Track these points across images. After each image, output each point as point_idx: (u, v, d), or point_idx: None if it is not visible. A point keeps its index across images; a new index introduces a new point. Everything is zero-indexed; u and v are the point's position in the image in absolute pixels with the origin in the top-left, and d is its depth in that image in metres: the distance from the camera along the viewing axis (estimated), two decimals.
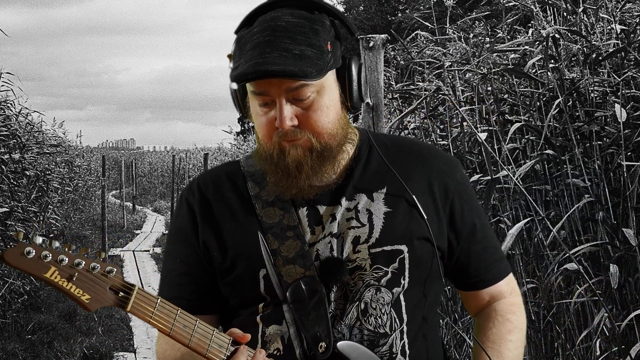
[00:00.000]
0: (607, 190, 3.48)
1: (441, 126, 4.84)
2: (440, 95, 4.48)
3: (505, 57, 4.36)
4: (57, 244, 1.28)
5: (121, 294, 1.30)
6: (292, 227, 1.43)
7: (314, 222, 1.44)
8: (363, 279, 1.41)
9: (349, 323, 1.40)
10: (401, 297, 1.42)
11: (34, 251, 1.25)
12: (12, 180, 6.81)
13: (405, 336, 1.42)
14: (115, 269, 1.30)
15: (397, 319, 1.41)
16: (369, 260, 1.41)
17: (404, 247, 1.42)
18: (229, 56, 1.45)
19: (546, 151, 3.69)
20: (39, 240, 1.26)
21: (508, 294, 1.56)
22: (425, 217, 1.44)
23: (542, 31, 3.85)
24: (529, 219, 3.59)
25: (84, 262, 1.27)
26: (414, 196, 1.44)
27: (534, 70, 3.99)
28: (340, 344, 1.38)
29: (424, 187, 1.47)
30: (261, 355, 1.33)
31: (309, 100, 1.38)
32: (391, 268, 1.42)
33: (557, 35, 3.80)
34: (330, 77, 1.40)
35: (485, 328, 1.53)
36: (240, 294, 1.46)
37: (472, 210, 1.51)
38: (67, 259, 1.27)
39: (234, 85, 1.47)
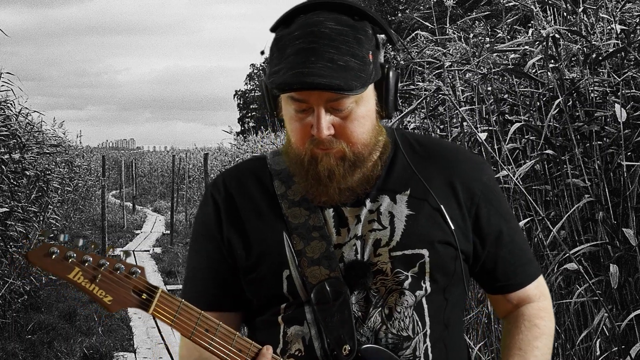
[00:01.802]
0: (607, 190, 3.48)
1: (441, 126, 4.84)
2: (440, 95, 4.48)
3: (505, 57, 4.36)
4: (81, 242, 1.29)
5: (144, 295, 1.29)
6: (317, 228, 1.42)
7: (339, 224, 1.43)
8: (385, 284, 1.40)
9: (372, 327, 1.39)
10: (424, 300, 1.41)
11: (58, 251, 1.25)
12: (12, 180, 6.81)
13: (428, 339, 1.40)
14: (140, 270, 1.29)
15: (419, 322, 1.40)
16: (390, 264, 1.39)
17: (424, 252, 1.40)
18: (262, 53, 1.44)
19: (546, 151, 3.69)
20: (61, 237, 1.27)
21: (537, 298, 1.53)
22: (450, 222, 1.41)
23: (542, 31, 3.85)
24: (529, 219, 3.59)
25: (108, 263, 1.28)
26: (437, 200, 1.42)
27: (534, 70, 3.99)
28: (364, 347, 1.37)
29: (449, 190, 1.44)
30: None
31: (347, 111, 1.36)
32: (411, 272, 1.40)
33: (557, 35, 3.80)
34: (369, 88, 1.38)
35: (513, 333, 1.51)
36: (263, 293, 1.45)
37: (499, 213, 1.48)
38: (91, 259, 1.27)
39: (264, 84, 1.45)
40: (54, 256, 1.25)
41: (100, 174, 15.99)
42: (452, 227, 1.41)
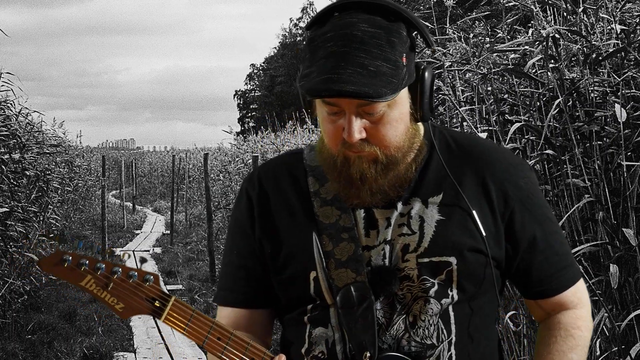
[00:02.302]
0: (607, 190, 3.48)
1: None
2: (440, 95, 4.48)
3: (505, 57, 4.36)
4: (94, 247, 1.30)
5: (157, 303, 1.29)
6: (347, 229, 1.40)
7: (369, 226, 1.41)
8: (411, 290, 1.38)
9: (395, 334, 1.37)
10: (450, 308, 1.38)
11: (71, 259, 1.26)
12: (12, 180, 6.81)
13: (453, 347, 1.38)
14: (154, 277, 1.30)
15: (444, 330, 1.38)
16: (416, 271, 1.37)
17: (452, 259, 1.37)
18: (297, 50, 1.46)
19: (546, 151, 3.69)
20: (76, 244, 1.28)
21: (574, 305, 1.48)
22: (481, 228, 1.38)
23: (542, 31, 3.85)
24: None
25: (121, 270, 1.28)
26: (469, 205, 1.38)
27: (534, 70, 3.99)
28: (385, 355, 1.36)
29: (482, 193, 1.41)
30: None
31: (379, 114, 1.33)
32: (437, 279, 1.37)
33: (557, 35, 3.79)
34: (403, 90, 1.35)
35: (548, 342, 1.47)
36: (290, 294, 1.45)
37: (534, 218, 1.43)
38: (104, 266, 1.27)
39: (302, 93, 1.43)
40: (66, 264, 1.26)
41: (100, 174, 15.99)
42: (484, 234, 1.38)
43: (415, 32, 1.37)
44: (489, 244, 1.39)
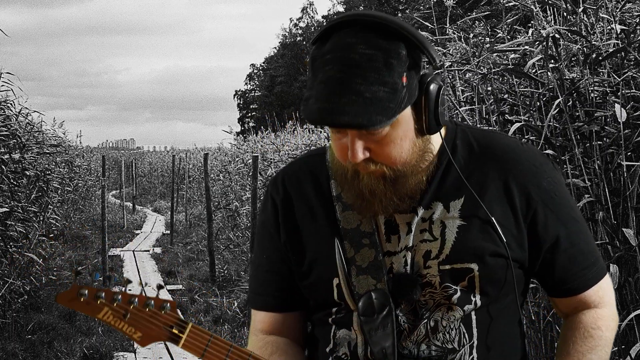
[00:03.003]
0: (607, 190, 3.48)
1: None
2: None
3: (505, 57, 4.36)
4: (115, 275, 1.31)
5: (175, 330, 1.31)
6: (368, 235, 1.40)
7: (390, 231, 1.41)
8: (434, 297, 1.38)
9: (416, 340, 1.38)
10: (472, 313, 1.38)
11: (87, 292, 1.28)
12: (12, 180, 6.81)
13: (474, 351, 1.38)
14: (170, 304, 1.31)
15: (466, 334, 1.38)
16: (438, 278, 1.37)
17: (474, 266, 1.37)
18: (305, 62, 1.48)
19: (546, 151, 3.69)
20: (95, 276, 1.30)
21: (596, 305, 1.46)
22: (502, 232, 1.37)
23: (542, 31, 3.85)
24: None
25: (137, 300, 1.30)
26: (487, 212, 1.37)
27: (534, 70, 3.99)
28: None
29: (504, 194, 1.39)
30: None
31: (382, 134, 1.32)
32: (460, 286, 1.37)
33: (557, 35, 3.79)
34: (406, 107, 1.33)
35: (568, 342, 1.45)
36: (316, 298, 1.47)
37: (558, 219, 1.41)
38: (121, 297, 1.29)
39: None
40: (82, 298, 1.28)
41: (100, 174, 15.99)
42: (504, 240, 1.37)
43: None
44: (512, 246, 1.38)
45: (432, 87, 1.35)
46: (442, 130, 1.44)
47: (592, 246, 1.47)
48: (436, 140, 1.43)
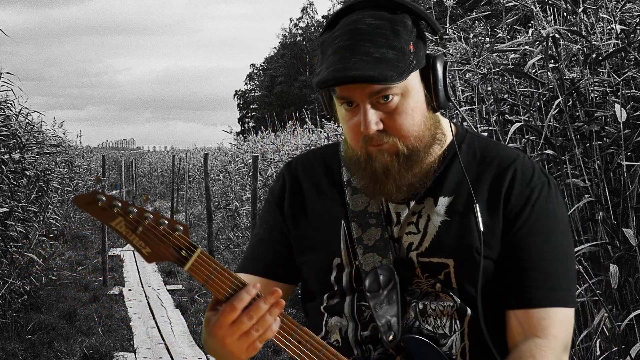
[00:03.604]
0: (607, 190, 3.48)
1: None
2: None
3: (505, 57, 4.36)
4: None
5: (183, 252, 1.31)
6: (375, 215, 1.44)
7: (387, 218, 1.45)
8: (421, 287, 1.41)
9: (406, 324, 1.40)
10: (458, 301, 1.39)
11: (105, 199, 1.29)
12: (12, 180, 6.81)
13: (466, 338, 1.39)
14: (184, 228, 1.31)
15: (457, 321, 1.39)
16: (419, 269, 1.40)
17: (450, 261, 1.39)
18: (314, 59, 1.50)
19: (546, 151, 3.69)
20: (113, 192, 1.31)
21: (539, 333, 1.36)
22: (482, 232, 1.37)
23: (542, 31, 3.85)
24: None
25: (152, 216, 1.30)
26: (477, 206, 1.38)
27: (534, 70, 3.99)
28: (408, 337, 1.38)
29: (494, 201, 1.40)
30: (254, 290, 1.30)
31: (394, 104, 1.35)
32: (438, 279, 1.40)
33: (557, 35, 3.80)
34: (415, 79, 1.38)
35: None
36: (312, 278, 1.50)
37: (535, 228, 1.39)
38: (136, 210, 1.30)
39: (322, 91, 1.48)
40: (99, 203, 1.29)
41: (100, 174, 15.99)
42: (482, 236, 1.37)
43: (423, 22, 1.41)
44: (493, 249, 1.38)
45: (439, 61, 1.40)
46: (453, 129, 1.48)
47: (561, 274, 1.39)
48: (446, 138, 1.46)
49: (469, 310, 1.39)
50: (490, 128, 4.00)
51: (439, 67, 1.40)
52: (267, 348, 5.66)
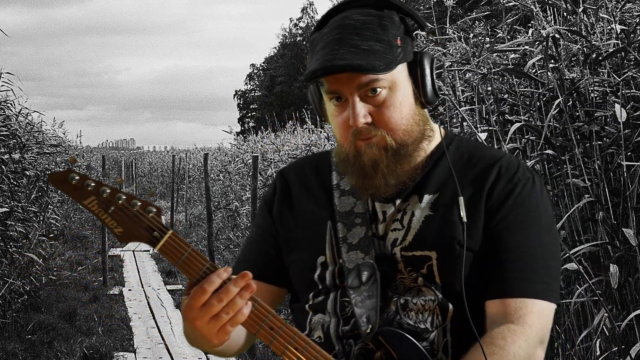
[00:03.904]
0: (607, 190, 3.48)
1: (441, 126, 4.83)
2: (440, 95, 4.47)
3: (505, 57, 4.36)
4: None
5: (155, 233, 1.32)
6: (361, 215, 1.46)
7: (372, 217, 1.47)
8: (404, 282, 1.42)
9: (387, 317, 1.41)
10: (440, 296, 1.40)
11: (78, 177, 1.31)
12: (12, 180, 6.81)
13: (448, 334, 1.39)
14: (157, 210, 1.33)
15: (439, 316, 1.39)
16: (402, 264, 1.41)
17: (432, 254, 1.40)
18: (305, 61, 1.53)
19: (546, 151, 3.69)
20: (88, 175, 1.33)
21: (513, 320, 1.35)
22: (465, 222, 1.38)
23: (542, 31, 3.85)
24: None
25: (125, 197, 1.32)
26: (461, 198, 1.40)
27: (534, 70, 3.99)
28: (385, 329, 1.39)
29: (475, 196, 1.41)
30: (225, 274, 1.30)
31: (382, 97, 1.38)
32: (421, 273, 1.41)
33: (557, 35, 3.80)
34: (403, 73, 1.41)
35: (469, 350, 1.35)
36: (297, 276, 1.52)
37: (515, 222, 1.40)
38: (109, 190, 1.31)
39: (311, 89, 1.51)
40: (73, 182, 1.31)
41: (100, 174, 15.99)
42: (466, 228, 1.38)
43: (410, 20, 1.45)
44: (474, 240, 1.39)
45: (426, 57, 1.43)
46: (442, 132, 1.50)
47: (541, 267, 1.40)
48: (435, 139, 1.49)
49: (450, 306, 1.39)
50: (490, 128, 4.00)
51: (426, 63, 1.42)
52: (266, 348, 5.65)
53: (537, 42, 4.00)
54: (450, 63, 4.49)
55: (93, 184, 1.31)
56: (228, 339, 1.33)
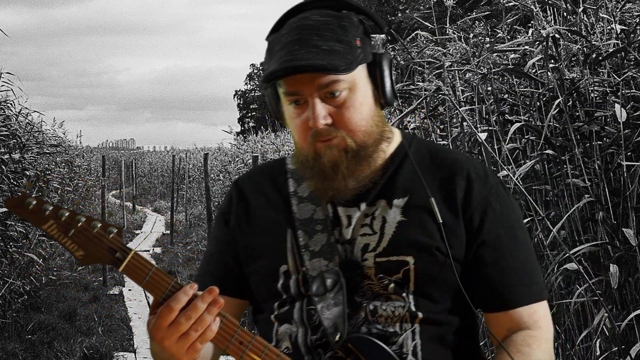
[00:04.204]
0: (607, 190, 3.48)
1: (441, 126, 4.84)
2: (440, 95, 4.48)
3: (505, 57, 4.36)
4: (65, 209, 1.31)
5: (117, 254, 1.31)
6: (321, 221, 1.44)
7: (334, 222, 1.44)
8: (372, 288, 1.40)
9: (355, 323, 1.39)
10: (410, 303, 1.39)
11: (35, 202, 1.30)
12: (12, 180, 6.81)
13: (417, 337, 1.39)
14: (117, 230, 1.32)
15: (408, 320, 1.39)
16: (374, 270, 1.40)
17: (410, 259, 1.39)
18: (262, 64, 1.52)
19: (546, 151, 3.69)
20: (44, 199, 1.32)
21: (529, 326, 1.42)
22: (441, 223, 1.39)
23: (542, 31, 3.85)
24: (529, 219, 3.59)
25: (84, 219, 1.30)
26: (432, 199, 1.40)
27: (534, 70, 3.99)
28: (355, 336, 1.37)
29: (449, 198, 1.42)
30: (191, 291, 1.30)
31: (342, 98, 1.37)
32: (394, 278, 1.39)
33: (557, 35, 3.80)
34: (362, 74, 1.40)
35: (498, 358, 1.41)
36: (259, 286, 1.49)
37: (501, 228, 1.43)
38: (67, 214, 1.30)
39: (269, 92, 1.48)
40: (30, 207, 1.30)
41: (100, 174, 15.99)
42: (443, 232, 1.39)
43: (366, 19, 1.44)
44: (453, 246, 1.40)
45: (385, 58, 1.42)
46: (400, 135, 1.50)
47: (531, 268, 1.45)
48: (394, 140, 1.48)
49: (419, 312, 1.39)
50: (490, 128, 4.00)
51: (385, 64, 1.41)
52: None
53: (537, 42, 4.00)
54: (450, 63, 4.49)
55: (50, 208, 1.29)
56: (198, 358, 1.31)
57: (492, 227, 1.42)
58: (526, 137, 4.06)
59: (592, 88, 3.72)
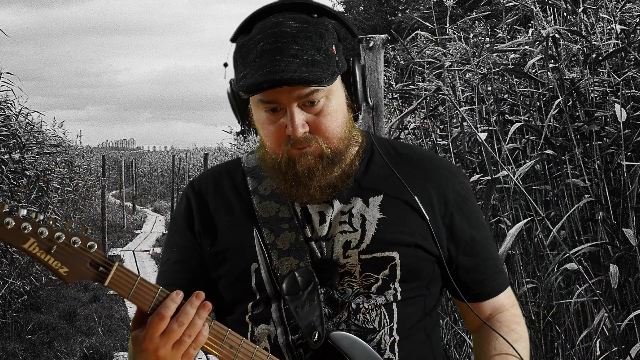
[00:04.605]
0: (607, 190, 3.48)
1: (441, 126, 4.84)
2: (440, 95, 4.48)
3: (505, 57, 4.36)
4: (41, 217, 1.28)
5: (101, 268, 1.30)
6: (287, 220, 1.43)
7: (305, 219, 1.44)
8: (352, 286, 1.40)
9: (339, 322, 1.39)
10: (392, 299, 1.41)
11: (13, 222, 1.25)
12: (12, 180, 6.81)
13: (395, 333, 1.40)
14: (97, 244, 1.31)
15: (387, 316, 1.40)
16: (359, 267, 1.40)
17: (395, 254, 1.40)
18: (226, 64, 1.44)
19: (546, 151, 3.69)
20: (23, 212, 1.27)
21: (510, 307, 1.55)
22: (427, 218, 1.42)
23: (542, 31, 3.85)
24: (529, 219, 3.59)
25: (64, 236, 1.28)
26: (415, 197, 1.42)
27: (534, 70, 3.99)
28: (333, 333, 1.37)
29: (422, 197, 1.44)
30: (178, 297, 1.29)
31: (320, 106, 1.36)
32: (382, 275, 1.40)
33: (557, 35, 3.80)
34: (337, 81, 1.39)
35: (489, 339, 1.50)
36: (232, 288, 1.46)
37: (472, 222, 1.49)
38: (47, 231, 1.27)
39: (233, 94, 1.47)
40: (8, 226, 1.25)
41: (100, 174, 16.00)
42: (428, 225, 1.42)
43: (339, 25, 1.43)
44: (430, 242, 1.43)
45: (357, 64, 1.42)
46: (360, 134, 1.50)
47: (497, 254, 1.57)
48: (359, 141, 1.49)
49: (396, 307, 1.40)
50: (490, 128, 4.00)
51: (358, 70, 1.42)
52: None
53: (537, 42, 4.00)
54: (450, 63, 4.49)
55: (30, 227, 1.26)
56: None
57: (469, 221, 1.48)
58: (526, 137, 4.06)
59: (592, 88, 3.72)
